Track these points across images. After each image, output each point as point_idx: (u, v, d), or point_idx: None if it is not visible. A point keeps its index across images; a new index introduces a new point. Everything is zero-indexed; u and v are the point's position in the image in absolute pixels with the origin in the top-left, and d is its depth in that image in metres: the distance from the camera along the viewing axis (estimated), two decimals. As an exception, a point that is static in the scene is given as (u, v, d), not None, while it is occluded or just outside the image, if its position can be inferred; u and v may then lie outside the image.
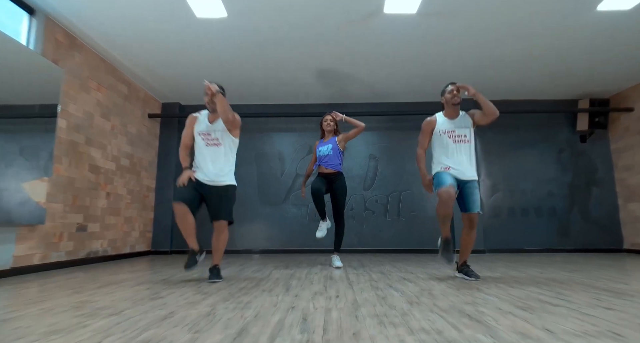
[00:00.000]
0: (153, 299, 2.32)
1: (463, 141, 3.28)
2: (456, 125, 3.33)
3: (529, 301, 2.20)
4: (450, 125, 3.34)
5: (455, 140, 3.28)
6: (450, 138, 3.29)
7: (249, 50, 4.87)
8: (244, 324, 1.71)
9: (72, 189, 4.32)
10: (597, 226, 6.47)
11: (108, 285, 2.88)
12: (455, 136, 3.30)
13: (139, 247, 5.85)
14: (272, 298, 2.32)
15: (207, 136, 3.27)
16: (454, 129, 3.31)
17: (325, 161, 4.28)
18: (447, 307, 2.05)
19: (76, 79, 4.40)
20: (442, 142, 3.32)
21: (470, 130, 3.33)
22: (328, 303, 2.16)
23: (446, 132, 3.32)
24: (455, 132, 3.31)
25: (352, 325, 1.68)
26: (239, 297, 2.39)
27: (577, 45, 4.84)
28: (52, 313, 1.96)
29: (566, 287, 2.72)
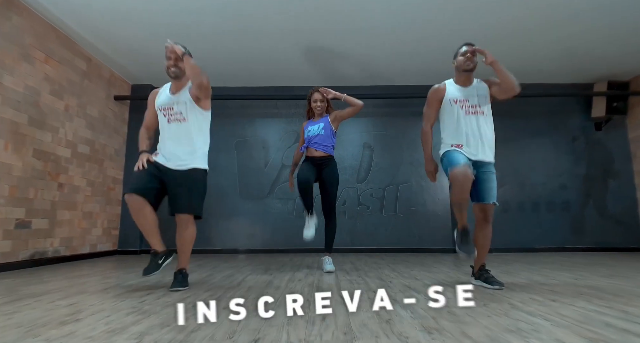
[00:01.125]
0: (61, 324, 1.63)
1: (477, 112, 2.64)
2: (469, 94, 2.69)
3: (595, 327, 1.55)
4: (462, 94, 2.70)
5: (468, 112, 2.64)
6: (463, 109, 2.65)
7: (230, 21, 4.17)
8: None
9: (9, 178, 3.60)
10: (614, 222, 5.86)
11: (19, 300, 2.18)
12: (468, 107, 2.65)
13: (102, 247, 5.13)
14: (232, 322, 1.64)
15: (169, 110, 2.62)
16: (467, 98, 2.67)
17: (315, 142, 3.58)
18: (482, 337, 1.39)
19: (14, 46, 3.67)
20: (453, 113, 2.68)
21: (486, 99, 2.69)
22: (309, 333, 1.49)
23: (457, 102, 2.68)
24: (468, 101, 2.66)
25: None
26: (185, 319, 1.70)
27: (594, 19, 4.20)
28: None
29: (626, 301, 2.07)
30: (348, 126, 6.04)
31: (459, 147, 2.60)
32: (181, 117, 2.59)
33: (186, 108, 2.60)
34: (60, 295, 2.31)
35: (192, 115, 2.61)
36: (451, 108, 2.69)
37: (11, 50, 3.64)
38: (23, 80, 3.78)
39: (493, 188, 2.59)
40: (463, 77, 2.74)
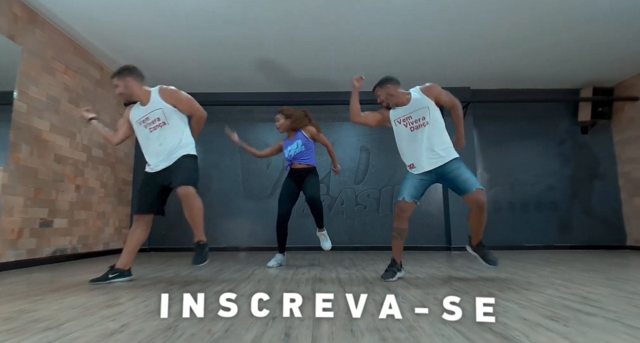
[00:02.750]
0: (108, 307, 1.93)
1: (423, 125, 2.85)
2: (410, 110, 2.91)
3: (556, 308, 1.85)
4: (404, 112, 2.93)
5: (413, 128, 2.88)
6: (407, 126, 2.90)
7: (231, 33, 4.47)
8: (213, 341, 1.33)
9: (34, 181, 3.89)
10: (599, 221, 6.18)
11: (61, 289, 2.48)
12: (412, 123, 2.89)
13: (114, 244, 5.42)
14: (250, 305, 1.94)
15: (146, 121, 2.78)
16: (409, 115, 2.90)
17: (298, 159, 3.84)
18: (462, 318, 1.69)
19: (37, 59, 3.96)
20: (400, 133, 2.97)
21: (429, 109, 2.86)
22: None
23: (401, 121, 2.93)
24: (410, 118, 2.90)
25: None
26: (210, 303, 2.01)
27: (580, 30, 4.54)
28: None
29: (589, 290, 2.38)
30: (347, 130, 6.36)
31: (411, 167, 2.90)
32: (161, 123, 2.75)
33: (163, 113, 2.74)
34: (92, 286, 2.60)
35: (172, 118, 2.76)
36: (399, 128, 2.95)
37: (35, 62, 3.92)
38: (45, 90, 4.07)
39: (468, 178, 2.72)
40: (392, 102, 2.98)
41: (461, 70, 5.69)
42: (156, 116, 2.75)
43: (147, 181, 2.85)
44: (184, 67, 5.45)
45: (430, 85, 2.95)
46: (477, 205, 2.72)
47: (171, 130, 2.77)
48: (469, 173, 2.75)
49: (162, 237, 5.93)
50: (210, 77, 5.84)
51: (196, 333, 1.46)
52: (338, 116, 6.37)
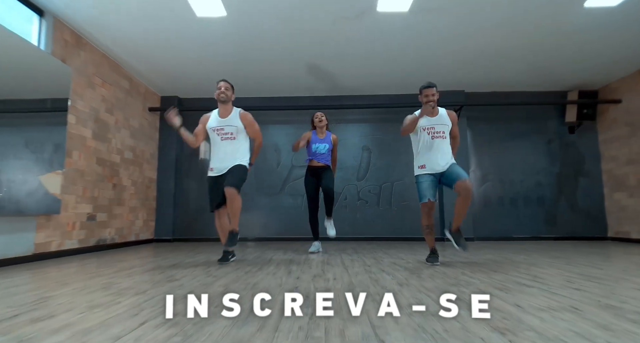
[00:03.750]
0: (170, 281, 2.56)
1: (440, 137, 3.48)
2: (435, 122, 3.52)
3: (508, 283, 2.46)
4: (429, 122, 3.53)
5: (433, 136, 3.49)
6: (429, 134, 3.50)
7: (246, 46, 5.06)
8: (254, 302, 1.95)
9: (82, 181, 4.53)
10: (583, 215, 6.76)
11: (124, 270, 3.12)
12: (434, 133, 3.49)
13: (143, 236, 6.09)
14: (277, 280, 2.57)
15: (220, 131, 3.53)
16: (433, 126, 3.51)
17: (319, 157, 4.62)
18: (433, 288, 2.30)
19: (82, 77, 4.57)
20: (421, 138, 3.54)
21: (448, 128, 3.53)
22: (327, 285, 2.41)
23: (425, 129, 3.52)
24: (434, 128, 3.50)
25: (349, 302, 1.93)
26: (246, 279, 2.64)
27: (566, 39, 5.01)
28: (85, 292, 2.20)
29: (545, 271, 2.99)
30: (350, 131, 6.96)
31: (422, 167, 3.49)
32: (232, 136, 3.53)
33: (236, 130, 3.54)
34: (146, 268, 3.24)
35: (240, 135, 3.57)
36: (422, 134, 3.53)
37: (81, 80, 4.54)
38: (89, 102, 4.69)
39: (460, 172, 3.34)
40: (427, 109, 3.51)
41: (456, 75, 6.23)
42: (230, 130, 3.51)
43: (212, 185, 3.58)
44: (202, 76, 6.04)
45: (454, 113, 3.61)
46: (465, 189, 3.27)
47: (236, 144, 3.53)
48: (461, 169, 3.40)
49: (185, 229, 6.59)
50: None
51: (244, 296, 2.09)
52: (342, 118, 6.95)
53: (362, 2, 4.10)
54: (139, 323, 1.56)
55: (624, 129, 6.33)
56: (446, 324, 1.53)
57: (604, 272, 2.93)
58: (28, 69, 3.67)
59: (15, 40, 3.49)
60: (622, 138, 6.37)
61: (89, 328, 1.50)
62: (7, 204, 3.36)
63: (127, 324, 1.55)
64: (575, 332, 1.44)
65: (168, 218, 6.58)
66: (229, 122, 3.53)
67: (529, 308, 1.79)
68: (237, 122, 3.54)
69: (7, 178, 3.37)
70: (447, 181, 3.43)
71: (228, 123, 3.53)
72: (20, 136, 3.61)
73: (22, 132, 3.67)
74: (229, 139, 3.51)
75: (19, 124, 3.68)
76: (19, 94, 3.60)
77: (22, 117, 3.72)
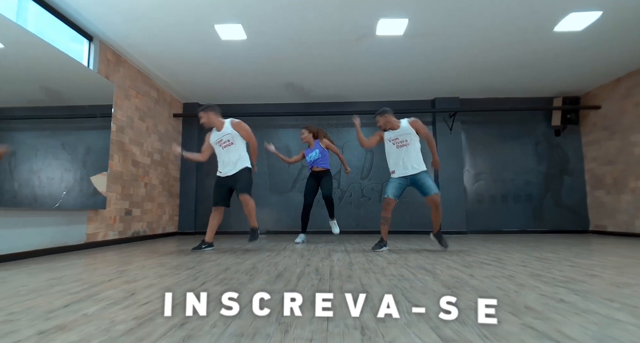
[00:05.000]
0: (208, 261, 3.26)
1: (404, 145, 4.15)
2: (398, 134, 4.19)
3: (473, 263, 3.14)
4: (394, 134, 4.22)
5: (398, 146, 4.17)
6: (394, 144, 4.19)
7: (262, 62, 5.76)
8: (279, 272, 2.65)
9: (121, 181, 5.26)
10: (567, 210, 7.40)
11: (167, 254, 3.84)
12: (398, 142, 4.18)
13: (169, 228, 6.83)
14: (293, 260, 3.28)
15: (220, 142, 4.18)
16: (397, 137, 4.19)
17: (317, 163, 5.28)
18: (414, 265, 2.99)
19: (121, 90, 5.30)
20: (390, 148, 4.24)
21: (411, 136, 4.16)
22: (332, 263, 3.11)
23: (391, 140, 4.22)
24: (398, 139, 4.19)
25: (347, 273, 2.62)
26: (268, 260, 3.34)
27: (542, 56, 5.68)
28: (148, 268, 2.91)
29: (509, 256, 3.66)
30: (354, 135, 7.62)
31: (392, 172, 4.19)
32: (229, 143, 4.16)
33: (232, 137, 4.13)
34: (183, 253, 3.95)
35: (237, 140, 4.17)
36: (389, 144, 4.24)
37: (120, 93, 5.27)
38: (125, 112, 5.41)
39: (430, 185, 4.01)
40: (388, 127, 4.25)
41: (451, 84, 6.88)
42: (227, 139, 4.13)
43: (218, 184, 4.22)
44: (219, 85, 6.76)
45: (415, 120, 4.23)
46: (434, 203, 4.06)
47: (235, 148, 4.16)
48: (431, 181, 4.08)
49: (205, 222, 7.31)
50: (241, 92, 7.16)
51: (269, 270, 2.79)
52: (347, 123, 7.64)
53: (364, 28, 4.78)
54: (200, 284, 2.26)
55: (603, 132, 6.96)
56: (413, 284, 2.22)
57: (557, 256, 3.60)
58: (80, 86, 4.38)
59: (70, 61, 4.18)
60: (602, 140, 6.99)
61: (168, 286, 2.19)
62: (67, 200, 4.09)
63: (193, 284, 2.25)
64: (498, 287, 2.12)
65: (190, 213, 7.32)
66: (224, 133, 4.14)
67: (479, 276, 2.47)
68: (230, 130, 4.12)
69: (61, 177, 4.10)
70: (419, 190, 4.12)
71: (224, 133, 4.14)
72: (81, 142, 4.34)
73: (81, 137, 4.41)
74: (228, 145, 4.14)
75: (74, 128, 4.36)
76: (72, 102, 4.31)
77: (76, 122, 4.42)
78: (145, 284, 2.24)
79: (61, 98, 4.09)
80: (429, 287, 2.15)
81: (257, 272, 2.69)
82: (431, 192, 4.03)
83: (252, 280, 2.34)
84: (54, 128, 4.03)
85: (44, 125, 3.90)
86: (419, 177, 4.09)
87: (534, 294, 1.95)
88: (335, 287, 2.14)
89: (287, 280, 2.36)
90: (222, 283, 2.26)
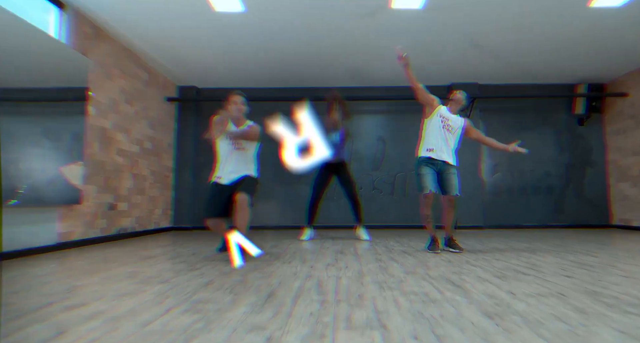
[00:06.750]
0: (191, 270, 2.76)
1: (451, 131, 3.79)
2: (452, 118, 3.83)
3: (506, 271, 2.62)
4: (448, 115, 3.82)
5: (445, 126, 3.76)
6: (443, 123, 3.77)
7: (264, 39, 5.19)
8: (271, 289, 2.14)
9: (103, 172, 4.75)
10: (589, 203, 6.86)
11: (147, 259, 3.34)
12: (448, 124, 3.78)
13: (162, 224, 6.34)
14: (292, 269, 2.77)
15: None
16: (449, 118, 3.80)
17: (334, 149, 4.80)
18: (437, 276, 2.47)
19: (101, 68, 4.75)
20: (435, 123, 3.80)
21: (460, 129, 3.84)
22: (338, 273, 2.60)
23: (442, 117, 3.79)
24: (449, 120, 3.78)
25: (357, 289, 2.11)
26: (263, 268, 2.84)
27: (573, 37, 5.10)
28: (112, 281, 2.41)
29: (542, 259, 3.14)
30: (365, 123, 7.09)
31: (430, 150, 3.71)
32: (243, 147, 3.46)
33: (247, 141, 3.46)
34: (168, 257, 3.45)
35: (250, 147, 3.52)
36: (436, 121, 3.78)
37: (101, 72, 4.73)
38: (107, 94, 4.88)
39: (455, 184, 3.70)
40: (453, 108, 3.87)
41: (469, 68, 6.30)
42: (242, 141, 3.43)
43: (216, 192, 3.41)
44: (220, 66, 6.20)
45: (467, 120, 3.94)
46: (451, 204, 3.73)
47: (247, 155, 3.50)
48: (458, 181, 3.72)
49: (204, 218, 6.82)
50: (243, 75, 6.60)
51: (261, 284, 2.28)
52: (358, 109, 7.07)
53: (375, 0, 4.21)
54: (165, 310, 1.75)
55: (630, 121, 6.40)
56: (442, 310, 1.70)
57: (597, 260, 3.07)
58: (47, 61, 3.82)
59: (34, 32, 3.61)
60: (628, 130, 6.44)
61: (120, 316, 1.67)
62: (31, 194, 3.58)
63: (154, 311, 1.74)
64: (555, 316, 1.60)
65: (186, 207, 6.82)
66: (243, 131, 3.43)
67: (520, 295, 1.95)
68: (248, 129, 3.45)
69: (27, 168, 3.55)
70: (442, 184, 3.76)
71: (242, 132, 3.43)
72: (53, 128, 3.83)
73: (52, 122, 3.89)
74: (240, 150, 3.47)
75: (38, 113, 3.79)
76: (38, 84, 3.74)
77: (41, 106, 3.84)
78: (89, 313, 1.72)
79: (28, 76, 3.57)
80: (464, 314, 1.63)
81: (245, 288, 2.18)
82: (454, 192, 3.70)
83: (234, 305, 1.82)
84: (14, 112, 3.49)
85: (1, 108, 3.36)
86: (450, 170, 3.76)
87: (610, 330, 1.43)
88: (341, 318, 1.62)
89: (280, 303, 1.85)
90: (193, 310, 1.74)
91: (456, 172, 3.76)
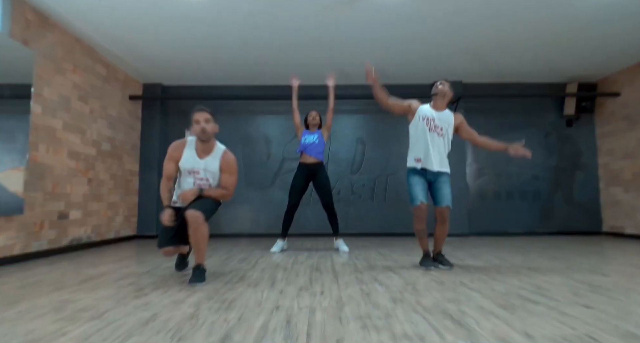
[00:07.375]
0: (136, 297, 2.29)
1: (440, 134, 3.29)
2: (438, 117, 3.32)
3: (510, 298, 2.23)
4: (432, 115, 3.33)
5: (431, 129, 3.28)
6: (428, 125, 3.29)
7: (229, 30, 4.72)
8: (227, 329, 1.69)
9: (51, 177, 4.21)
10: (578, 209, 6.59)
11: (91, 280, 2.84)
12: (433, 126, 3.29)
13: (124, 232, 5.79)
14: (257, 295, 2.31)
15: (195, 174, 2.85)
16: (434, 119, 3.31)
17: (310, 149, 4.47)
18: (430, 306, 2.06)
19: (49, 61, 4.22)
20: (418, 128, 3.32)
21: (450, 128, 3.34)
22: (312, 302, 2.16)
23: (426, 119, 3.30)
24: (434, 121, 3.30)
25: (335, 330, 1.68)
26: (223, 293, 2.38)
27: (564, 31, 4.79)
28: (30, 317, 1.92)
29: (547, 279, 2.76)
30: (343, 123, 6.67)
31: (417, 160, 3.26)
32: (207, 183, 2.87)
33: (213, 176, 2.87)
34: (117, 276, 2.96)
35: (215, 181, 2.90)
36: (420, 125, 3.31)
37: (48, 65, 4.19)
38: (57, 90, 4.34)
39: (447, 194, 3.25)
40: (438, 103, 3.35)
41: (453, 65, 5.93)
42: (207, 176, 2.86)
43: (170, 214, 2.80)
44: (185, 62, 5.70)
45: (460, 115, 3.43)
46: (443, 217, 3.28)
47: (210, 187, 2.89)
48: (449, 190, 3.26)
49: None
50: (213, 72, 6.10)
51: (215, 321, 1.83)
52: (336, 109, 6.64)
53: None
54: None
55: (622, 122, 6.13)
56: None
57: (611, 281, 2.71)
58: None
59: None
60: (619, 131, 6.18)
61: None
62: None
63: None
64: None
65: (152, 213, 6.27)
66: (208, 165, 2.86)
67: (541, 338, 1.55)
68: (217, 164, 2.87)
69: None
70: (434, 193, 3.33)
71: (206, 166, 2.85)
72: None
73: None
74: (203, 184, 2.87)
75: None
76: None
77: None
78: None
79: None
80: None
81: (194, 329, 1.72)
82: (445, 203, 3.25)
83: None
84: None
85: None
86: (442, 179, 3.29)
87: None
88: None
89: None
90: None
91: (448, 180, 3.30)
